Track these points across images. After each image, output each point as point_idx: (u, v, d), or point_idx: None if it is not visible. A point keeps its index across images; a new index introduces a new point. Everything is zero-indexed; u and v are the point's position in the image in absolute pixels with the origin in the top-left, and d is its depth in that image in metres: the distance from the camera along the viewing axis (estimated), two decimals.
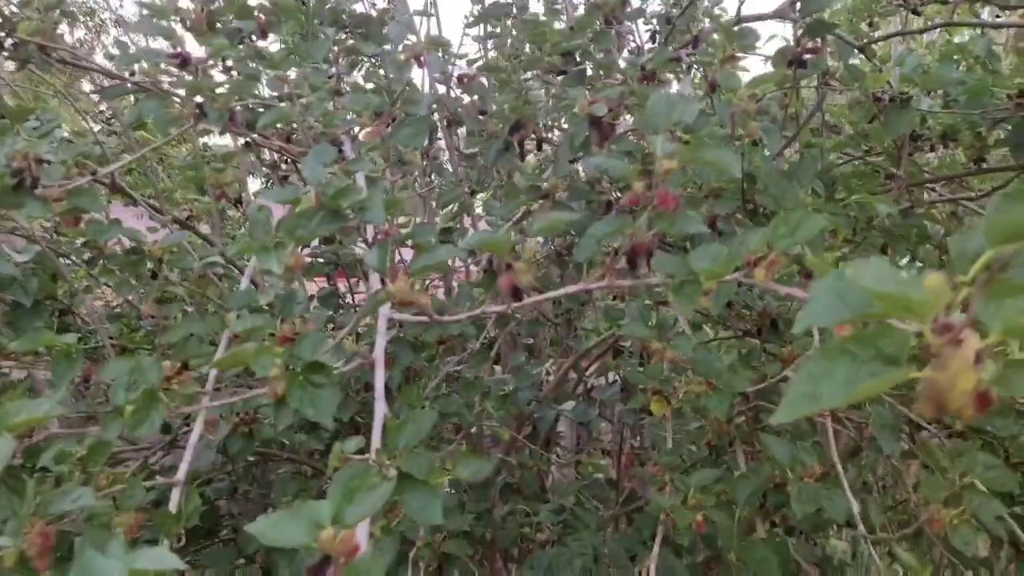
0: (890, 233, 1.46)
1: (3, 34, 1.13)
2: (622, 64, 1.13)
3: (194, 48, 1.31)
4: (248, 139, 1.02)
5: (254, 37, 1.34)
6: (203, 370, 1.08)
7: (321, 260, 1.83)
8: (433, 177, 2.09)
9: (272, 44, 1.58)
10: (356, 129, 1.07)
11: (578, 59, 1.15)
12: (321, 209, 0.69)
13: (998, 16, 1.32)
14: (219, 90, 0.96)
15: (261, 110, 1.18)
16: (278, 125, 1.20)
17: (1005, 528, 1.09)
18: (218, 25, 1.36)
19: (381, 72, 1.32)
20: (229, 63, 1.22)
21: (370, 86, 1.39)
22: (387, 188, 1.44)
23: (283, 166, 1.69)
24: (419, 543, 1.05)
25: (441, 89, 1.81)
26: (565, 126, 1.26)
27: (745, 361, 1.21)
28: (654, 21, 1.41)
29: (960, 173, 1.63)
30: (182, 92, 1.08)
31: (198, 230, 1.79)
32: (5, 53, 1.29)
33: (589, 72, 1.17)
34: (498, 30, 1.94)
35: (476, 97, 1.70)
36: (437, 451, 1.46)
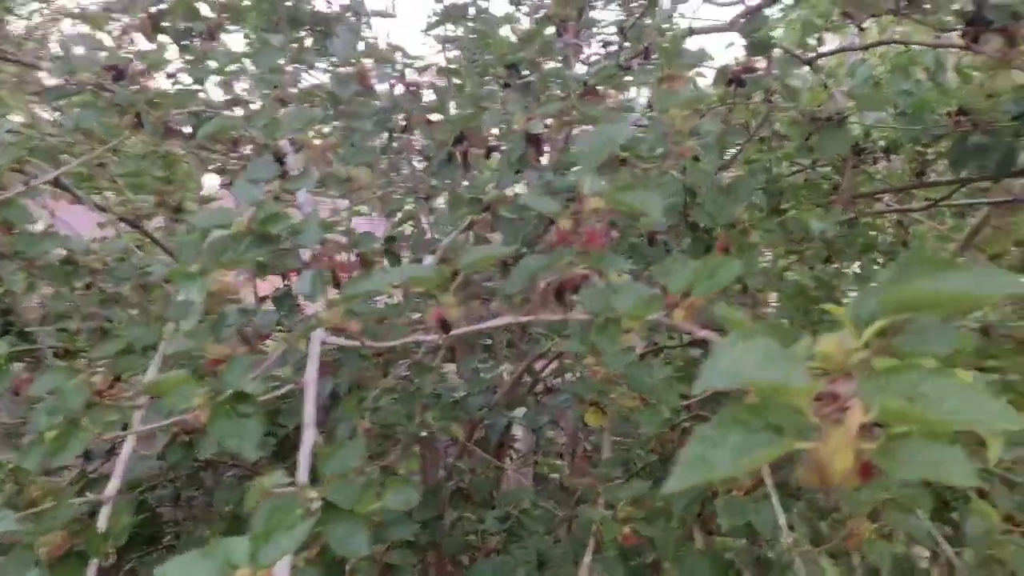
0: (832, 245, 1.50)
1: None
2: (568, 76, 1.13)
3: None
4: (190, 149, 1.01)
5: (203, 38, 1.32)
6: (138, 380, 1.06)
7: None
8: (392, 176, 2.08)
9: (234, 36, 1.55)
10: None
11: (523, 71, 1.15)
12: (250, 233, 0.68)
13: (938, 36, 1.36)
14: (157, 100, 0.94)
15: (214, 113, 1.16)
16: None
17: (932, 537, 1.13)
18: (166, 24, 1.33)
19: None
20: (173, 68, 1.20)
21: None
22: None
23: (232, 164, 1.66)
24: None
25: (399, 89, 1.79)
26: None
27: (687, 373, 1.23)
28: (606, 31, 1.41)
29: (901, 186, 1.67)
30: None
31: (147, 230, 1.76)
32: None
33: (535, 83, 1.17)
34: (459, 32, 1.93)
35: (434, 98, 1.69)
36: (384, 457, 1.46)
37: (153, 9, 1.31)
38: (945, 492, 1.73)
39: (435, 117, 1.59)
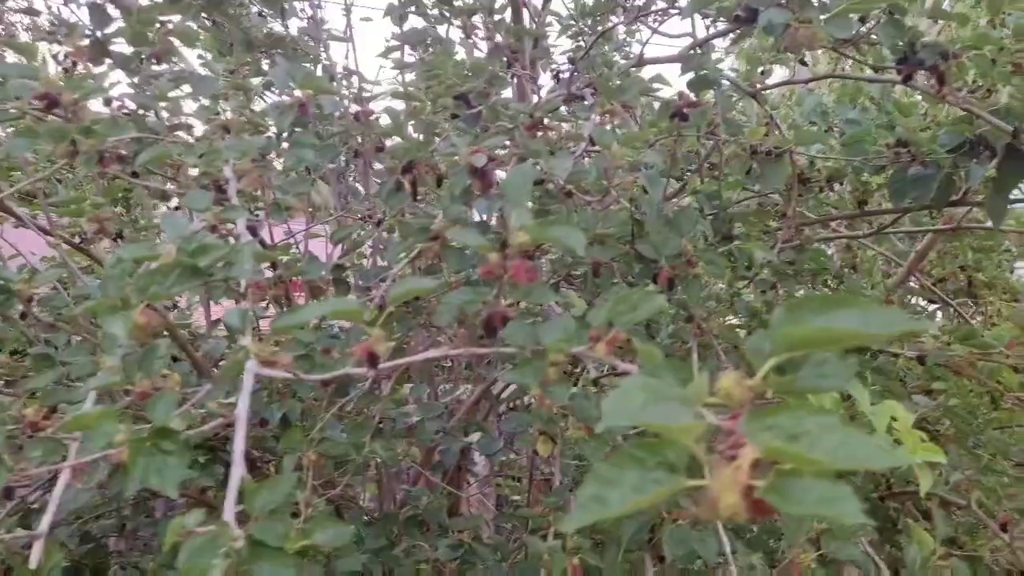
0: (779, 271, 1.53)
1: None
2: (516, 108, 1.14)
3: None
4: (124, 177, 0.99)
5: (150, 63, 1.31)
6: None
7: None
8: (349, 199, 2.08)
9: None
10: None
11: (472, 102, 1.16)
12: (178, 266, 0.67)
13: (879, 72, 1.40)
14: (92, 128, 0.93)
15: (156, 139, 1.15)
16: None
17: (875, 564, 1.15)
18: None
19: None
20: (115, 92, 1.19)
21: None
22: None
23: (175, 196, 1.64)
24: None
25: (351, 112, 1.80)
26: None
27: None
28: (555, 64, 1.43)
29: (847, 214, 1.71)
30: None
31: (92, 253, 1.72)
32: None
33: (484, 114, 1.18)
34: (419, 54, 1.94)
35: (389, 123, 1.69)
36: (333, 484, 1.44)
37: (99, 33, 1.30)
38: (893, 514, 1.75)
39: (395, 139, 1.60)
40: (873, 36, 1.25)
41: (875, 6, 0.99)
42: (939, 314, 2.65)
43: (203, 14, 1.90)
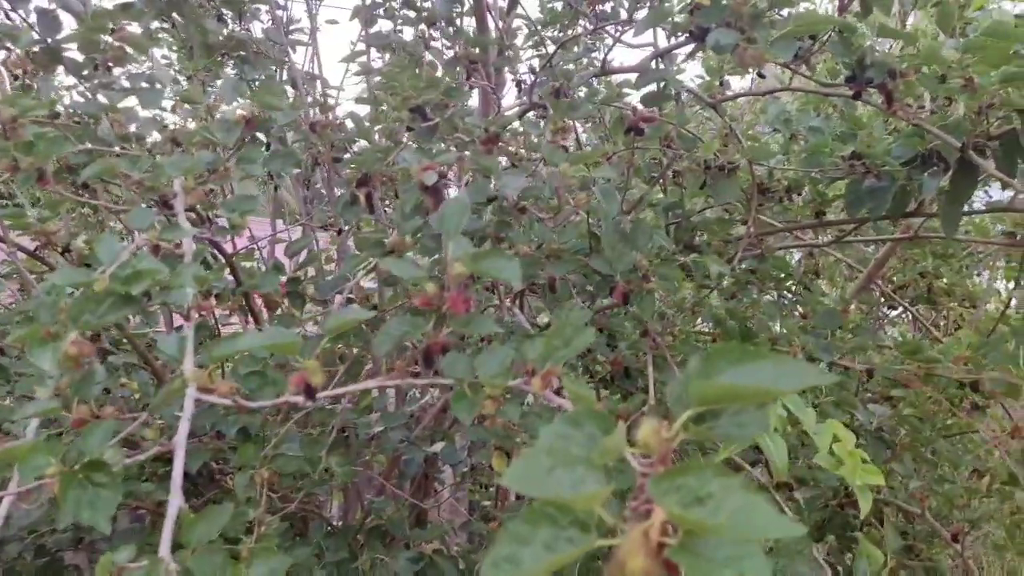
0: (739, 281, 1.54)
1: None
2: (470, 123, 1.13)
3: None
4: (69, 196, 0.97)
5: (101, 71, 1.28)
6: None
7: None
8: (313, 203, 2.07)
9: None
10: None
11: (428, 115, 1.15)
12: (111, 294, 0.65)
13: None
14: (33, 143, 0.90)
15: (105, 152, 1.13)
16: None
17: None
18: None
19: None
20: (61, 107, 1.16)
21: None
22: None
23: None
24: None
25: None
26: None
27: None
28: (519, 71, 1.42)
29: (802, 224, 1.73)
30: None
31: (47, 260, 1.69)
32: None
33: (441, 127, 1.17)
34: (385, 57, 1.93)
35: (351, 131, 1.68)
36: (299, 490, 1.42)
37: (50, 40, 1.27)
38: (852, 520, 1.77)
39: (361, 142, 1.59)
40: (825, 50, 1.26)
41: (821, 27, 1.00)
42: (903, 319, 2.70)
43: (163, 16, 1.87)
